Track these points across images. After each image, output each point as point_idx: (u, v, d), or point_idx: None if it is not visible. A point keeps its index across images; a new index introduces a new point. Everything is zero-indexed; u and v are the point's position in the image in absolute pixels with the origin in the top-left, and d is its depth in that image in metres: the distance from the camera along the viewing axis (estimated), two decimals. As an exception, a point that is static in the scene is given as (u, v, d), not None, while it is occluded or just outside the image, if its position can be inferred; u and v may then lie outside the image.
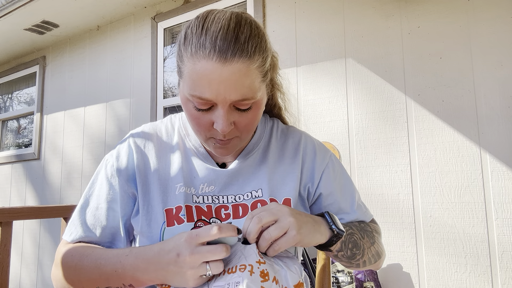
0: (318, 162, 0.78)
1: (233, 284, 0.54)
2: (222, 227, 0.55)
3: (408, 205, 1.75)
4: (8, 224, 1.06)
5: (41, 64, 3.56)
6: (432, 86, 1.75)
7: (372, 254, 0.73)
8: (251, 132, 0.69)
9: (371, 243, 0.74)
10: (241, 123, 0.65)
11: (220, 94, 0.60)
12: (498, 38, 1.64)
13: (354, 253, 0.69)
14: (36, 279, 3.26)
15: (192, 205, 0.70)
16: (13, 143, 3.87)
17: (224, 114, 0.62)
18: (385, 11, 1.91)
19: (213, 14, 0.63)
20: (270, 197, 0.71)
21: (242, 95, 0.61)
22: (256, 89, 0.63)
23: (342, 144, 1.94)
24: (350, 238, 0.68)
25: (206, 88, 0.60)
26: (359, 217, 0.78)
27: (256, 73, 0.62)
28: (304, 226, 0.60)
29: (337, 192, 0.78)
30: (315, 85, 2.07)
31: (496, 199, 1.57)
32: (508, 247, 1.54)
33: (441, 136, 1.71)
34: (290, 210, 0.60)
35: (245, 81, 0.60)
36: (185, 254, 0.55)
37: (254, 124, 0.68)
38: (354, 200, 0.79)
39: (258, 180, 0.73)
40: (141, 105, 2.80)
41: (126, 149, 0.75)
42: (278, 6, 2.25)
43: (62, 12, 2.88)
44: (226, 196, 0.72)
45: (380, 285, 1.70)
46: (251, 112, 0.65)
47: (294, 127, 0.85)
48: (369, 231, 0.76)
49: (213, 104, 0.62)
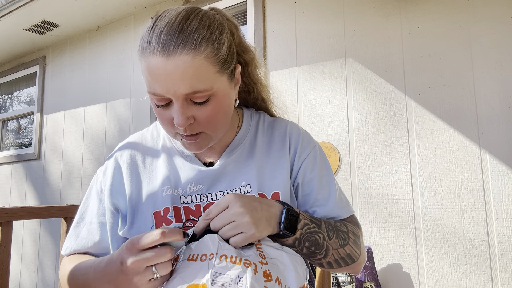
0: (300, 151, 0.77)
1: (235, 278, 0.53)
2: (167, 231, 0.54)
3: (408, 205, 1.75)
4: (8, 224, 1.06)
5: (41, 64, 3.56)
6: (432, 86, 1.75)
7: (340, 257, 0.70)
8: (217, 126, 0.67)
9: (341, 245, 0.69)
10: (200, 117, 0.64)
11: (169, 88, 0.60)
12: (498, 38, 1.64)
13: (313, 252, 0.67)
14: (36, 279, 3.26)
15: (180, 206, 0.70)
16: (13, 143, 3.87)
17: (178, 108, 0.62)
18: (385, 11, 1.91)
19: (168, 11, 0.64)
20: (259, 192, 0.71)
21: (192, 87, 0.60)
22: (209, 81, 0.62)
23: (342, 144, 1.94)
24: (309, 237, 0.66)
25: (156, 83, 0.61)
26: (334, 211, 0.75)
27: (206, 64, 0.61)
28: (260, 223, 0.59)
29: (315, 182, 0.75)
30: (315, 85, 2.07)
31: (496, 199, 1.57)
32: (508, 247, 1.54)
33: (441, 136, 1.71)
34: (243, 205, 0.59)
35: (192, 73, 0.60)
36: (127, 261, 0.54)
37: (218, 117, 0.66)
38: (332, 193, 0.76)
39: (247, 175, 0.73)
40: (141, 105, 2.80)
41: (112, 164, 0.77)
42: (278, 6, 2.25)
43: (62, 12, 2.88)
44: (215, 193, 0.72)
45: (380, 285, 1.70)
46: (210, 105, 0.64)
47: (281, 118, 0.84)
48: (344, 231, 0.71)
49: (170, 100, 0.63)
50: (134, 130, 2.60)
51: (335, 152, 0.95)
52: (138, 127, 2.74)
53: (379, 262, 1.78)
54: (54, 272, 3.14)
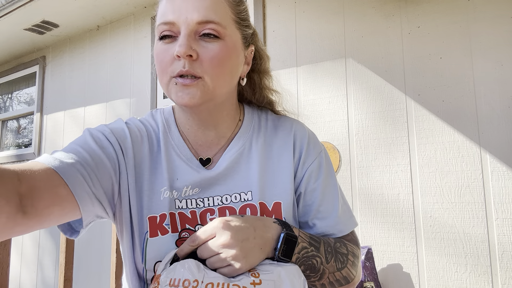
0: (304, 157, 0.72)
1: None
2: None
3: (408, 205, 1.75)
4: (8, 224, 1.06)
5: (41, 64, 3.55)
6: (432, 86, 1.75)
7: (335, 279, 0.67)
8: (218, 74, 0.63)
9: (338, 268, 0.67)
10: (205, 54, 0.61)
11: (181, 13, 0.61)
12: (498, 38, 1.64)
13: (308, 275, 0.64)
14: (36, 279, 3.26)
15: (176, 212, 0.65)
16: (13, 143, 3.87)
17: (184, 35, 0.61)
18: (385, 11, 1.91)
19: None
20: (260, 201, 0.67)
21: (206, 16, 0.61)
22: (223, 18, 0.63)
23: (342, 144, 1.94)
24: (306, 261, 0.63)
25: (170, 8, 0.62)
26: (336, 227, 0.71)
27: (225, 4, 0.64)
28: (250, 254, 0.56)
29: (318, 193, 0.71)
30: (315, 85, 2.07)
31: (496, 199, 1.57)
32: (508, 247, 1.54)
33: (441, 136, 1.71)
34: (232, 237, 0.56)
35: (209, 3, 0.62)
36: None
37: (222, 64, 0.62)
38: (336, 205, 0.72)
39: (248, 180, 0.68)
40: (141, 105, 2.80)
41: (127, 129, 0.70)
42: (278, 6, 2.25)
43: (62, 12, 2.88)
44: (211, 197, 0.67)
45: (380, 285, 1.70)
46: (218, 46, 0.62)
47: (286, 117, 0.80)
48: (343, 253, 0.68)
49: (177, 32, 0.62)
50: (134, 130, 2.60)
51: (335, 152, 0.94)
52: (138, 127, 2.74)
53: (379, 262, 1.78)
54: (54, 272, 3.14)
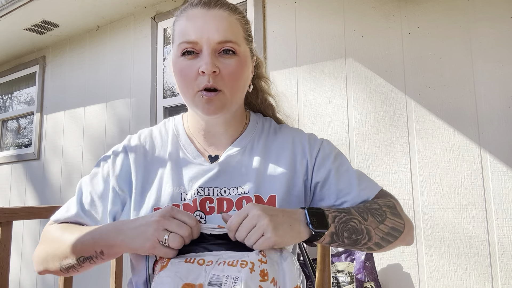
0: (309, 151, 0.78)
1: (231, 278, 0.55)
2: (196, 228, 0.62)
3: (408, 205, 1.75)
4: (8, 224, 1.06)
5: (41, 64, 3.55)
6: (432, 86, 1.75)
7: (385, 233, 0.69)
8: (235, 87, 0.72)
9: (380, 221, 0.68)
10: (225, 70, 0.70)
11: (204, 33, 0.69)
12: (498, 38, 1.64)
13: (356, 239, 0.66)
14: (36, 279, 3.26)
15: (180, 203, 0.72)
16: (13, 143, 3.87)
17: (208, 54, 0.69)
18: (385, 11, 1.91)
19: None
20: (255, 194, 0.72)
21: (225, 37, 0.70)
22: (238, 38, 0.72)
23: (342, 144, 1.94)
24: (345, 226, 0.65)
25: (192, 30, 0.70)
26: (361, 195, 0.74)
27: (238, 25, 0.73)
28: (280, 227, 0.60)
29: (333, 174, 0.76)
30: (315, 85, 2.07)
31: (496, 199, 1.57)
32: (508, 247, 1.54)
33: (441, 136, 1.71)
34: (261, 209, 0.61)
35: (227, 25, 0.71)
36: (157, 216, 0.61)
37: (238, 77, 0.72)
38: (353, 177, 0.76)
39: (246, 176, 0.74)
40: (141, 105, 2.80)
41: (122, 153, 0.79)
42: (278, 6, 2.25)
43: (62, 12, 2.88)
44: (212, 188, 0.73)
45: (380, 285, 1.70)
46: (235, 61, 0.71)
47: (287, 125, 0.87)
48: (376, 208, 0.70)
49: (199, 50, 0.70)
50: (134, 130, 2.60)
51: (335, 152, 0.95)
52: (138, 127, 2.74)
53: (379, 262, 1.78)
54: (54, 272, 3.14)
